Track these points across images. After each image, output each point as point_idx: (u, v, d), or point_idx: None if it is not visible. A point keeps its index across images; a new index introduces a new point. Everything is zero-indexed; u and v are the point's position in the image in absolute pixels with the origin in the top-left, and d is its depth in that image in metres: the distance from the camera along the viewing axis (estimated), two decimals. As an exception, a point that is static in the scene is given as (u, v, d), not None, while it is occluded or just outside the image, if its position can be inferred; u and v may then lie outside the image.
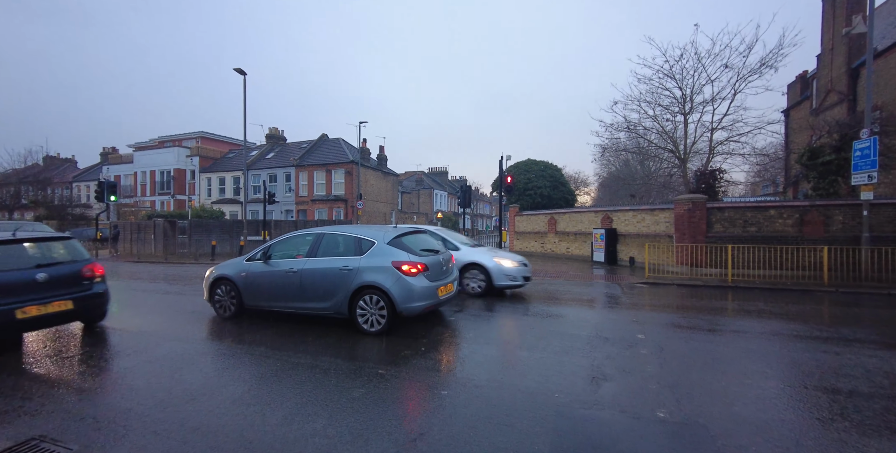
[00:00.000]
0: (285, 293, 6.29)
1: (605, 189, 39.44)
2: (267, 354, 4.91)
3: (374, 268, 5.76)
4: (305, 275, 6.12)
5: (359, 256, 5.94)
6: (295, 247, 6.60)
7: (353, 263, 5.89)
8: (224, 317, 6.80)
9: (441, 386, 3.91)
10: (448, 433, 3.03)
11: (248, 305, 6.65)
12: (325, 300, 6.01)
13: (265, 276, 6.45)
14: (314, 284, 6.06)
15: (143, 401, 3.60)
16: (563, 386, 3.86)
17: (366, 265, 5.81)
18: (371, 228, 6.46)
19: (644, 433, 3.02)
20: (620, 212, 16.09)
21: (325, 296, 6.00)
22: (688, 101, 15.66)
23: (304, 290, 6.13)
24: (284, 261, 6.39)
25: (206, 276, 7.10)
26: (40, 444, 2.94)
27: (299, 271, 6.17)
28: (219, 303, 6.89)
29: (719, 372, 4.26)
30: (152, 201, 36.54)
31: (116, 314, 7.14)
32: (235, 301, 6.70)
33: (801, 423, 3.16)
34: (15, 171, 35.48)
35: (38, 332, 5.98)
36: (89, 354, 5.01)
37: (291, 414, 3.34)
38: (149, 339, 5.60)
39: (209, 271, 7.15)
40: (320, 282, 6.02)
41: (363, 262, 5.85)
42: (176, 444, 2.90)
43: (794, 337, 5.62)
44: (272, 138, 37.22)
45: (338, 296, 5.90)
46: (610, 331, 5.96)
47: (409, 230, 6.55)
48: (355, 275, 5.80)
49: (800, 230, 11.48)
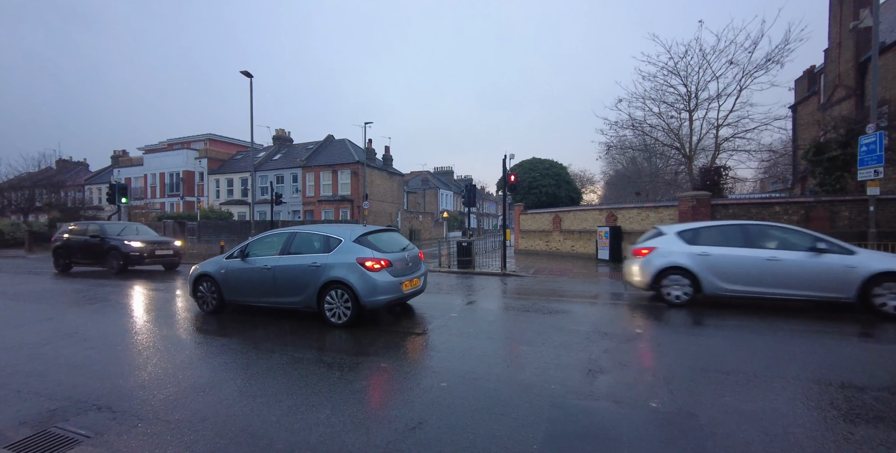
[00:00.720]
0: (261, 288, 6.68)
1: (611, 187, 39.28)
2: (273, 349, 5.06)
3: (339, 264, 6.12)
4: (278, 271, 6.51)
5: (327, 253, 6.32)
6: (270, 246, 6.96)
7: (321, 260, 6.26)
8: (206, 312, 7.21)
9: (440, 378, 4.03)
10: (446, 422, 3.14)
11: (228, 300, 7.07)
12: (296, 295, 6.38)
13: (243, 273, 6.83)
14: (286, 280, 6.44)
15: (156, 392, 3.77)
16: (560, 379, 3.96)
17: (332, 261, 6.18)
18: (340, 227, 6.89)
19: (636, 421, 3.11)
20: (625, 209, 16.08)
21: (296, 291, 6.38)
22: (693, 98, 15.60)
23: (278, 286, 6.52)
24: (260, 259, 6.78)
25: (190, 273, 7.51)
26: (56, 431, 3.11)
27: (273, 268, 6.56)
28: (201, 298, 7.27)
29: (714, 366, 4.32)
30: (162, 203, 37.09)
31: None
32: (216, 296, 7.10)
33: (791, 411, 3.23)
34: (29, 175, 36.25)
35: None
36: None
37: (296, 404, 3.48)
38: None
39: (192, 268, 7.56)
40: (292, 277, 6.40)
41: (330, 259, 6.22)
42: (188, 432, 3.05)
43: (793, 331, 5.65)
44: (279, 140, 37.59)
45: (307, 291, 6.26)
46: (609, 326, 6.04)
47: (377, 229, 6.93)
48: (323, 271, 6.17)
49: (806, 226, 11.41)
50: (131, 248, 12.80)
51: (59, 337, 5.71)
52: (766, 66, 14.31)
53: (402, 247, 6.99)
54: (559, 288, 9.73)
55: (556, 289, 9.60)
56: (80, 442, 2.94)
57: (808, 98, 20.63)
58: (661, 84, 16.04)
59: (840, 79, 16.54)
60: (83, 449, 2.86)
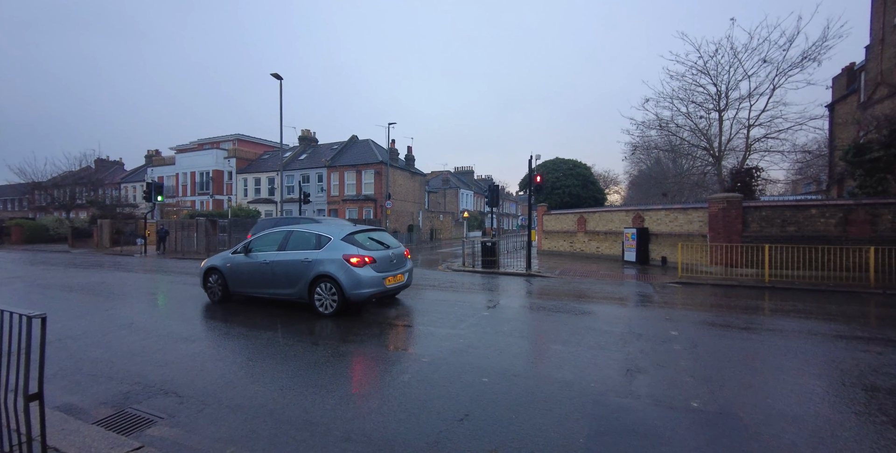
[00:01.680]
0: (261, 281, 7.40)
1: (636, 188, 38.60)
2: (317, 342, 5.30)
3: (328, 260, 6.77)
4: (276, 265, 7.22)
5: (318, 250, 6.98)
6: (270, 243, 7.64)
7: (312, 256, 6.93)
8: (214, 302, 7.92)
9: (481, 374, 4.16)
10: (491, 415, 3.28)
11: (233, 291, 7.80)
12: (291, 287, 7.05)
13: (245, 267, 7.58)
14: (282, 273, 7.14)
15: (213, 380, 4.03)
16: (598, 378, 4.04)
17: (322, 257, 6.83)
18: (331, 226, 7.57)
19: (678, 420, 3.18)
20: (652, 211, 15.87)
21: (290, 284, 7.05)
22: (723, 98, 15.30)
23: (275, 279, 7.22)
24: (261, 254, 7.49)
25: (201, 267, 8.20)
26: (133, 412, 3.39)
27: (271, 263, 7.28)
28: (210, 289, 8.01)
29: (754, 368, 4.33)
30: (192, 201, 38.39)
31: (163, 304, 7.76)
32: (222, 288, 7.84)
33: (838, 417, 3.24)
34: (70, 173, 38.09)
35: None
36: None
37: (348, 395, 3.69)
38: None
39: (203, 263, 8.25)
40: (287, 271, 7.09)
41: (320, 255, 6.88)
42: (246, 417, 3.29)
43: (834, 336, 5.56)
44: (304, 140, 38.38)
45: (300, 284, 6.93)
46: (642, 327, 6.06)
47: (365, 228, 7.61)
48: (314, 266, 6.83)
49: (844, 230, 11.07)
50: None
51: (118, 327, 6.10)
52: (801, 64, 13.95)
53: (387, 245, 7.58)
54: (587, 289, 9.73)
55: (584, 290, 9.60)
56: (156, 422, 3.21)
57: (846, 96, 19.87)
58: (689, 83, 15.81)
59: (882, 76, 15.89)
60: (160, 428, 3.12)
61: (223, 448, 2.84)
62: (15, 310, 2.37)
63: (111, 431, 2.97)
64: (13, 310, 2.38)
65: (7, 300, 8.39)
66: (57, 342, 5.29)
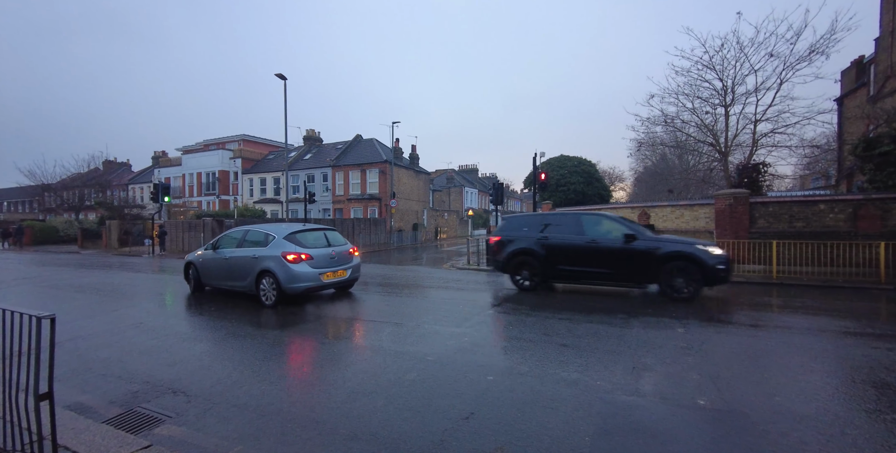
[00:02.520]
0: (222, 274, 8.36)
1: (642, 184, 38.36)
2: (322, 341, 5.32)
3: (269, 256, 7.51)
4: (232, 260, 8.11)
5: (264, 247, 7.77)
6: (232, 240, 8.54)
7: (258, 252, 7.73)
8: (191, 291, 9.06)
9: (486, 372, 4.16)
10: (496, 413, 3.28)
11: (205, 283, 8.91)
12: (243, 280, 7.86)
13: (212, 262, 8.56)
14: (237, 268, 7.99)
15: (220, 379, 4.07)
16: (604, 376, 4.03)
17: (266, 254, 7.61)
18: (279, 226, 8.34)
19: (685, 418, 3.16)
20: (658, 207, 15.76)
21: (243, 277, 7.86)
22: (729, 93, 15.12)
23: (232, 272, 8.13)
24: (224, 251, 8.40)
25: (184, 260, 9.37)
26: (142, 411, 3.42)
27: (229, 258, 8.19)
28: (188, 280, 9.22)
29: (762, 366, 4.29)
30: (199, 201, 38.66)
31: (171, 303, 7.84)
32: (195, 280, 8.97)
33: (848, 415, 3.20)
34: (79, 175, 38.51)
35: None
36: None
37: (355, 392, 3.70)
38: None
39: (185, 257, 9.44)
40: (241, 266, 7.92)
41: (265, 252, 7.66)
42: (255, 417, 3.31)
43: (844, 333, 5.50)
44: (309, 140, 38.50)
45: (249, 278, 7.71)
46: (648, 324, 6.02)
47: (310, 227, 8.39)
48: (259, 261, 7.61)
49: (853, 225, 10.93)
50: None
51: (127, 327, 6.17)
52: (809, 58, 13.71)
53: (330, 243, 8.28)
54: (594, 287, 9.68)
55: (592, 288, 9.56)
56: (163, 421, 3.24)
57: (855, 90, 19.60)
58: (695, 79, 15.62)
59: (892, 69, 15.65)
60: (168, 427, 3.16)
61: (230, 446, 2.87)
62: (25, 311, 2.40)
63: (120, 430, 3.00)
64: (23, 311, 2.41)
65: (17, 301, 8.51)
66: (67, 342, 5.36)
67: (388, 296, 8.61)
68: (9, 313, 2.46)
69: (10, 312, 2.46)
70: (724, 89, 15.16)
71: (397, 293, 8.94)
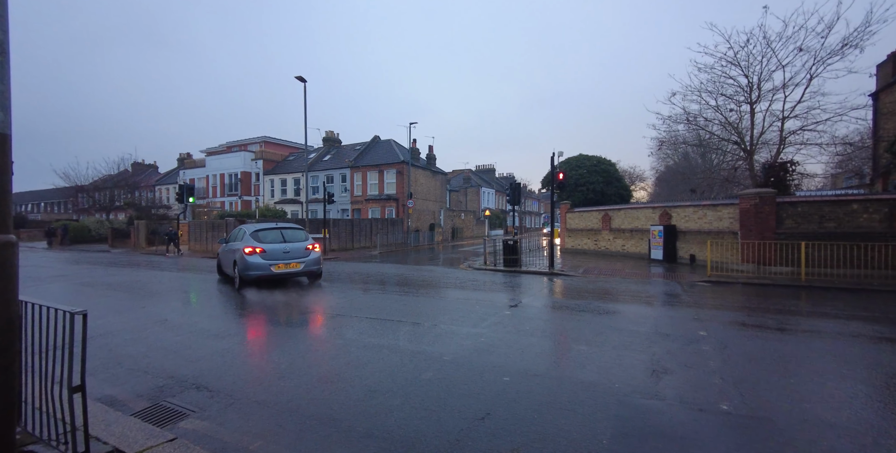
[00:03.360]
0: (225, 263, 10.68)
1: (663, 184, 37.51)
2: (341, 336, 5.39)
3: (238, 249, 9.55)
4: (229, 252, 10.27)
5: (239, 242, 9.83)
6: (234, 236, 10.68)
7: (235, 246, 9.93)
8: (218, 279, 11.18)
9: (502, 373, 4.15)
10: (512, 414, 3.27)
11: (221, 271, 11.34)
12: (231, 268, 9.98)
13: (222, 254, 11.05)
14: (228, 258, 10.30)
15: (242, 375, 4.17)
16: (623, 378, 3.96)
17: (237, 247, 9.68)
18: (255, 225, 10.29)
19: (707, 423, 3.08)
20: (680, 207, 15.41)
21: (230, 266, 10.06)
22: (755, 89, 14.65)
23: (227, 262, 10.36)
24: (229, 245, 10.61)
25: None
26: (167, 405, 3.54)
27: (226, 251, 10.58)
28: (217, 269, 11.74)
29: (789, 371, 4.15)
30: (222, 202, 39.66)
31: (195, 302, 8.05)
32: (217, 268, 11.65)
33: (882, 423, 3.07)
34: (109, 177, 40.02)
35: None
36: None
37: (374, 389, 3.74)
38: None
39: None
40: (230, 257, 10.05)
41: (237, 246, 9.76)
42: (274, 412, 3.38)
43: (879, 338, 5.27)
44: (328, 141, 39.06)
45: (231, 266, 9.89)
46: (669, 327, 5.90)
47: (269, 226, 10.27)
48: (234, 253, 9.72)
49: (890, 226, 10.45)
50: None
51: (153, 323, 6.38)
52: (842, 52, 13.15)
53: (284, 240, 9.96)
54: (612, 288, 9.54)
55: (609, 289, 9.42)
56: (188, 416, 3.34)
57: (892, 84, 18.70)
58: (718, 75, 15.19)
59: (932, 62, 14.87)
60: (192, 421, 3.25)
61: (251, 441, 2.93)
62: (59, 307, 2.52)
63: (147, 423, 3.11)
64: (57, 307, 2.53)
65: (53, 297, 8.90)
66: (98, 337, 5.58)
67: (405, 295, 8.66)
68: (45, 308, 2.58)
69: (45, 308, 2.58)
70: (749, 86, 14.70)
71: (414, 293, 8.99)
